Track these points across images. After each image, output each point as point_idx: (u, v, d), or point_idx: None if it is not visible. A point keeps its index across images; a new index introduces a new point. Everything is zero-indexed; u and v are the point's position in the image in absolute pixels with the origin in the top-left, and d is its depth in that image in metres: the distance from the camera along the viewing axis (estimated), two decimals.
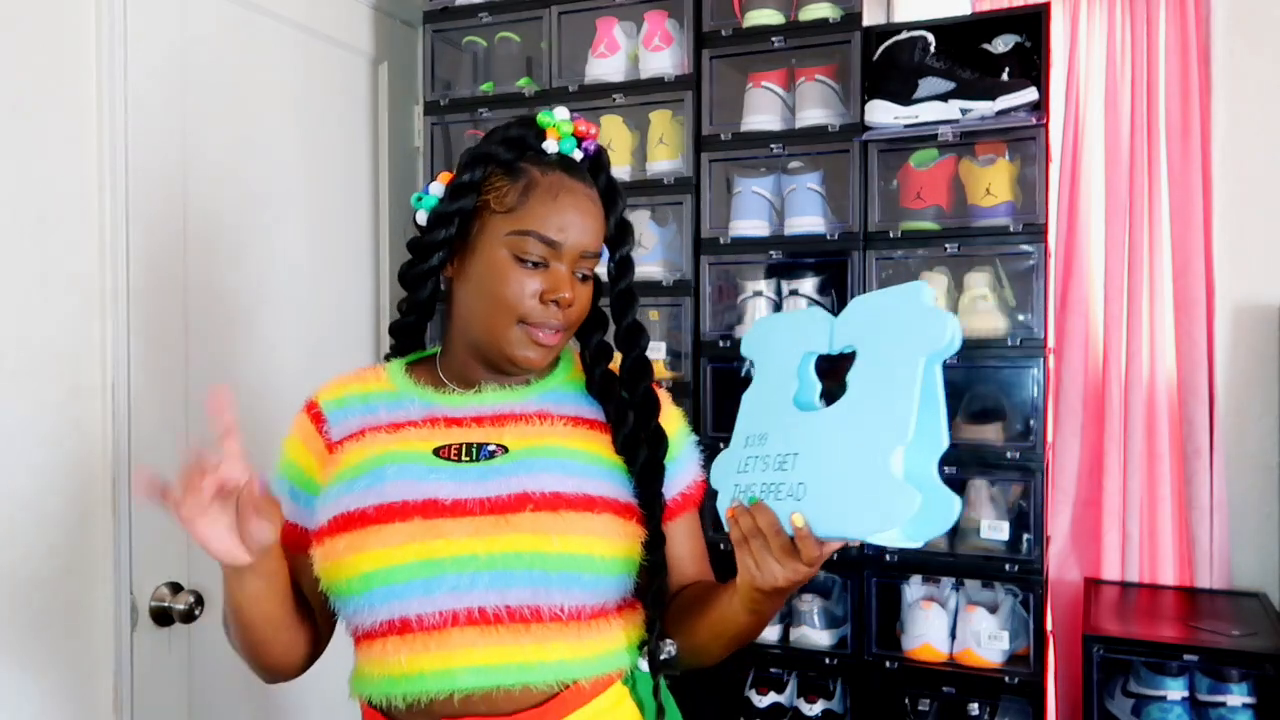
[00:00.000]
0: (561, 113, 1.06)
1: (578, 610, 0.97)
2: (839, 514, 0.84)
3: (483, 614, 0.94)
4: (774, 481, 0.89)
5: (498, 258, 1.01)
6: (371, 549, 0.95)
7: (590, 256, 1.04)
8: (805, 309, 0.95)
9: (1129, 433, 2.24)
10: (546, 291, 1.01)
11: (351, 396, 1.08)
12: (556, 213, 1.01)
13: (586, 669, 0.97)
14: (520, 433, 1.02)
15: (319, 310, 1.97)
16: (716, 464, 0.97)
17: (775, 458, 0.90)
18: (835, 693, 1.99)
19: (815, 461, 0.87)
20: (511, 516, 0.96)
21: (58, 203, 1.45)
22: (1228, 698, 1.89)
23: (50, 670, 1.43)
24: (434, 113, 2.18)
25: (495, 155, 1.04)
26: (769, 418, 0.93)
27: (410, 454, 1.00)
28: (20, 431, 1.39)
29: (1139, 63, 2.25)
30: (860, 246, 1.92)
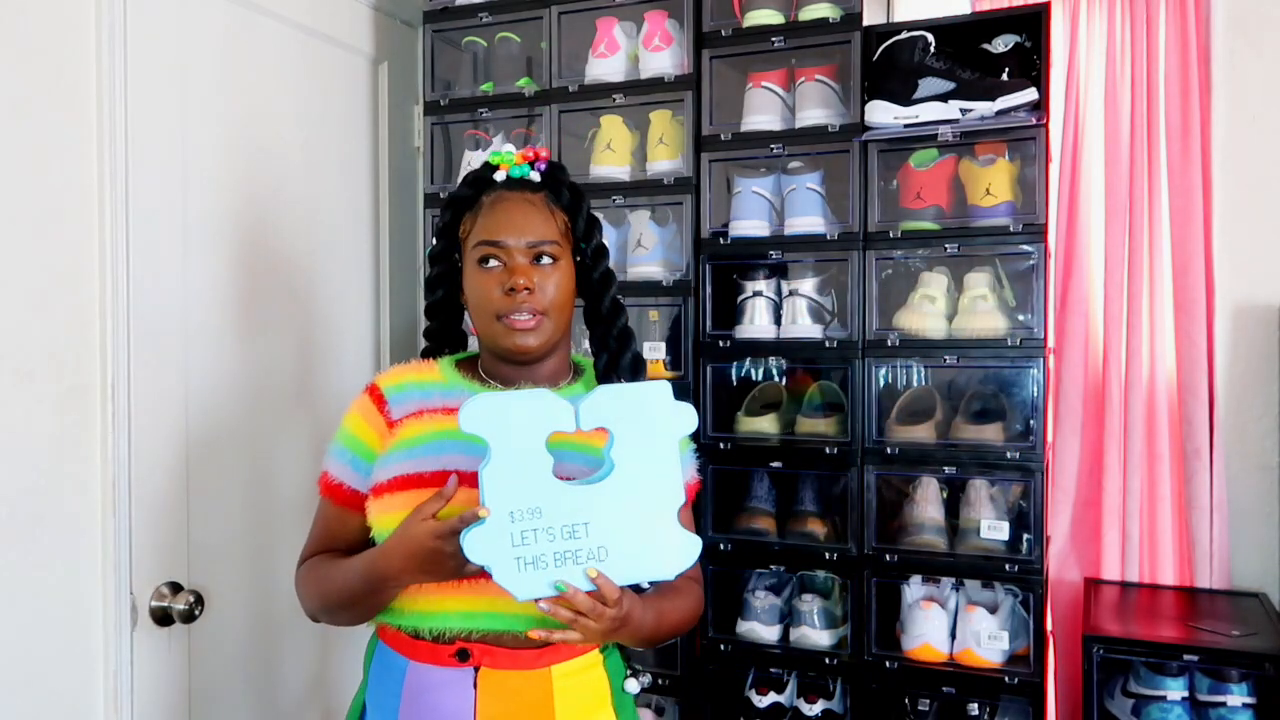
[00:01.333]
0: (509, 148, 1.30)
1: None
2: (641, 564, 1.07)
3: None
4: (568, 549, 1.04)
5: (471, 272, 1.24)
6: None
7: (539, 245, 1.22)
8: (530, 392, 1.08)
9: (1129, 433, 2.24)
10: (504, 284, 1.20)
11: (409, 384, 1.27)
12: (494, 218, 1.22)
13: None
14: None
15: (319, 310, 1.97)
16: (473, 540, 1.03)
17: (561, 529, 1.04)
18: (835, 693, 1.99)
19: (610, 527, 1.05)
20: None
21: (58, 203, 1.45)
22: (1228, 698, 1.89)
23: (50, 670, 1.43)
24: (434, 113, 2.18)
25: (460, 195, 1.28)
26: (534, 493, 1.04)
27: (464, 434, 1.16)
28: (20, 431, 1.39)
29: (1139, 63, 2.25)
30: (860, 246, 1.92)
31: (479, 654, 1.16)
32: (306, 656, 1.89)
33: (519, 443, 1.04)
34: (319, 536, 1.29)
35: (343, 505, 1.24)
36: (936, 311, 1.91)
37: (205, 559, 1.66)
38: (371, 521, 1.19)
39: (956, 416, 1.95)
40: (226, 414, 1.73)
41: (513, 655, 1.16)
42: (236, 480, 1.74)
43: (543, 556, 1.03)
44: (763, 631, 1.97)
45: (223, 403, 1.72)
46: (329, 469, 1.26)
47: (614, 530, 1.05)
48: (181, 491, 1.63)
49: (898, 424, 1.96)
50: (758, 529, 2.00)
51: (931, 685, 1.88)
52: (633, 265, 2.03)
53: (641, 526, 1.06)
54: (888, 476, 1.97)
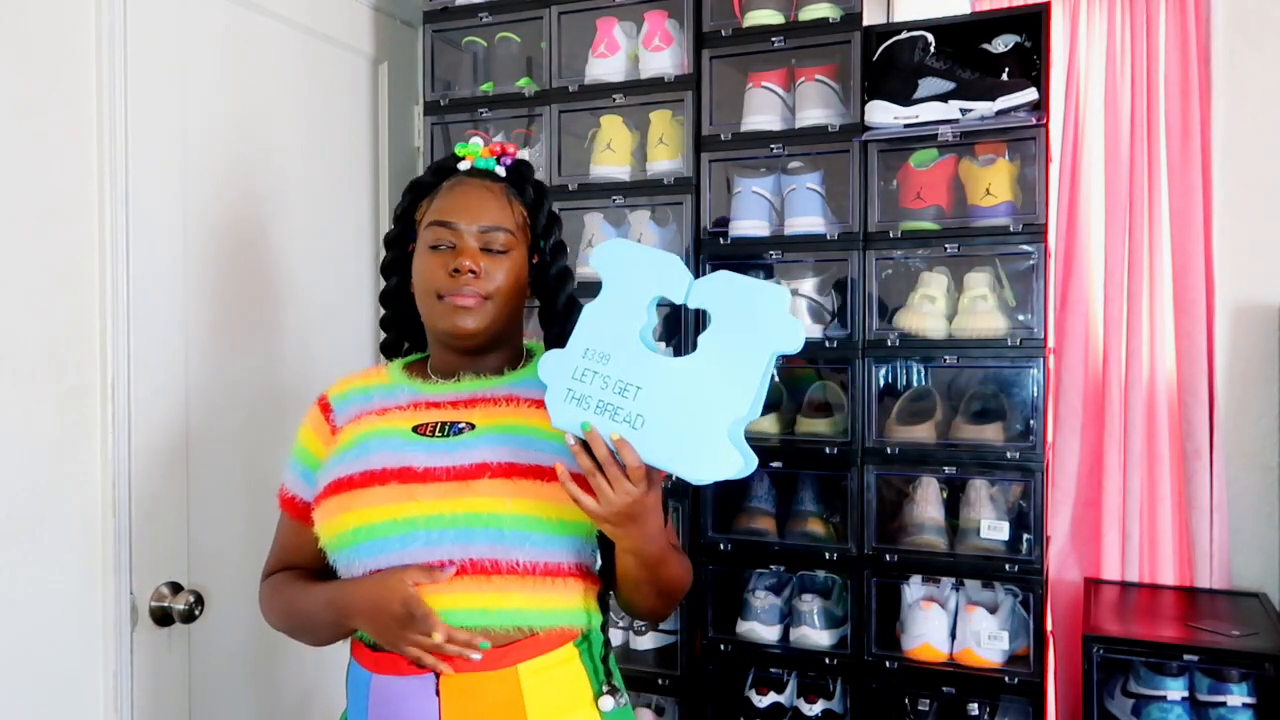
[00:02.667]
0: (476, 140, 1.26)
1: (532, 566, 1.10)
2: (672, 453, 1.01)
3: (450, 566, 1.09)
4: (612, 403, 1.02)
5: (419, 254, 1.21)
6: (356, 508, 1.12)
7: (492, 231, 1.19)
8: (663, 252, 1.06)
9: (1129, 433, 2.24)
10: (449, 264, 1.17)
11: (354, 390, 1.26)
12: (449, 201, 1.20)
13: (542, 619, 1.12)
14: (487, 413, 1.18)
15: (319, 310, 1.97)
16: (548, 360, 1.06)
17: (616, 382, 1.02)
18: (835, 693, 1.99)
19: (658, 401, 1.01)
20: (473, 482, 1.11)
21: (58, 203, 1.45)
22: (1228, 698, 1.89)
23: (50, 670, 1.43)
24: (434, 113, 2.18)
25: (420, 182, 1.26)
26: (614, 341, 1.03)
27: (392, 430, 1.18)
28: (20, 431, 1.39)
29: (1139, 63, 2.25)
30: (860, 246, 1.92)
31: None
32: (306, 656, 1.89)
33: (628, 291, 1.04)
34: (278, 551, 1.28)
35: (297, 518, 1.24)
36: (936, 311, 1.91)
37: (205, 559, 1.66)
38: (317, 532, 1.17)
39: (956, 416, 1.95)
40: (226, 414, 1.73)
41: None
42: (236, 480, 1.74)
43: (588, 397, 1.02)
44: (763, 631, 1.97)
45: (223, 403, 1.72)
46: (285, 482, 1.27)
47: (662, 406, 1.01)
48: (181, 491, 1.63)
49: (898, 424, 1.96)
50: (758, 529, 2.00)
51: (931, 685, 1.88)
52: None
53: (690, 417, 1.00)
54: (888, 476, 1.97)
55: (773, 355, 1.00)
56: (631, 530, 1.06)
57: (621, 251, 1.06)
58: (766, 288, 1.01)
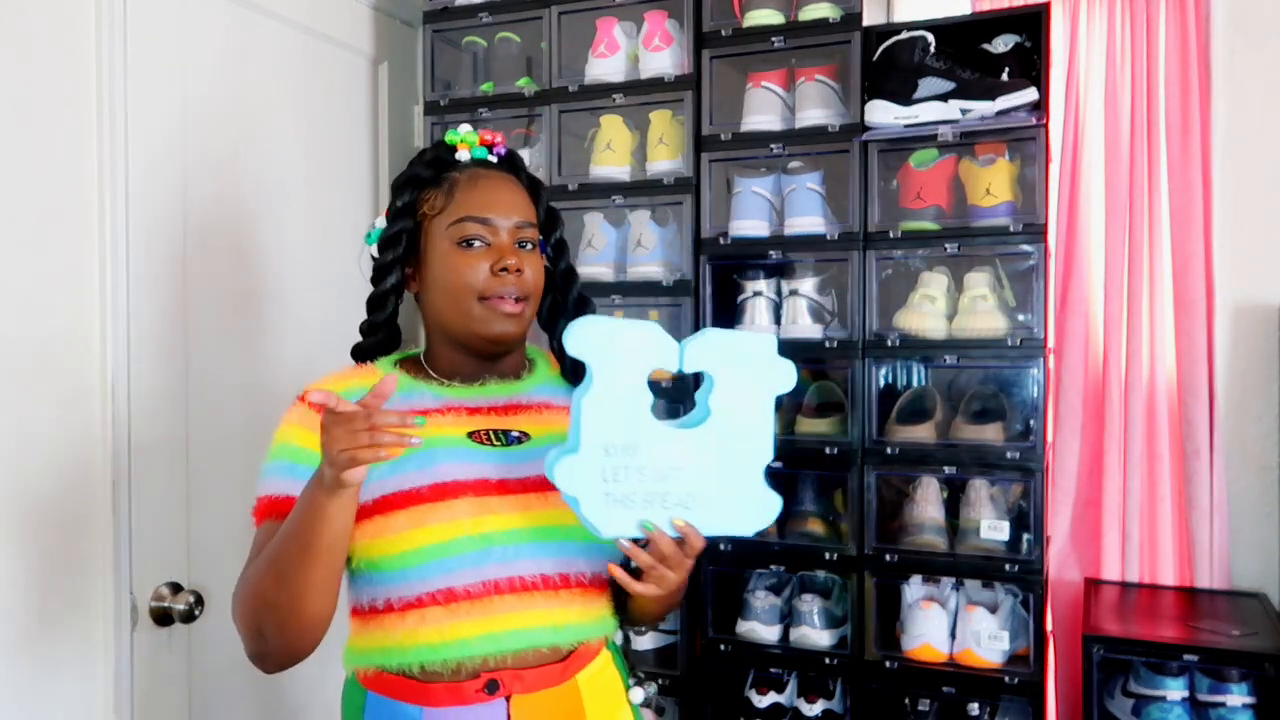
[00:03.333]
0: (465, 128, 1.21)
1: (593, 577, 1.11)
2: (727, 519, 1.04)
3: (522, 582, 1.06)
4: (658, 492, 1.01)
5: (445, 251, 1.14)
6: (430, 524, 1.04)
7: (525, 227, 1.16)
8: (641, 323, 1.04)
9: (1129, 433, 2.24)
10: (495, 264, 1.12)
11: (355, 390, 1.12)
12: (480, 194, 1.14)
13: (593, 630, 1.12)
14: (533, 421, 1.16)
15: (319, 310, 1.97)
16: (566, 469, 0.99)
17: (654, 470, 1.01)
18: (835, 693, 1.99)
19: (700, 475, 1.03)
20: (549, 494, 1.06)
21: (58, 202, 1.45)
22: (1228, 698, 1.89)
23: (50, 670, 1.43)
24: (434, 113, 2.18)
25: (419, 175, 1.18)
26: (632, 429, 1.01)
27: (450, 438, 1.11)
28: (20, 431, 1.39)
29: (1139, 63, 2.25)
30: (860, 246, 1.92)
31: (508, 681, 1.05)
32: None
33: (623, 374, 1.01)
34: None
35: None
36: (936, 311, 1.91)
37: (205, 559, 1.66)
38: (365, 547, 1.05)
39: (956, 416, 1.95)
40: (226, 414, 1.73)
41: (541, 674, 1.07)
42: (236, 480, 1.74)
43: (632, 495, 1.00)
44: (763, 631, 1.97)
45: (223, 403, 1.72)
46: (268, 490, 1.10)
47: (703, 479, 1.02)
48: (181, 491, 1.63)
49: (898, 424, 1.96)
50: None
51: (931, 685, 1.88)
52: (633, 265, 2.03)
53: (730, 479, 1.03)
54: (888, 476, 1.97)
55: (773, 397, 1.05)
56: (676, 593, 1.09)
57: (600, 331, 1.00)
58: (753, 338, 1.06)
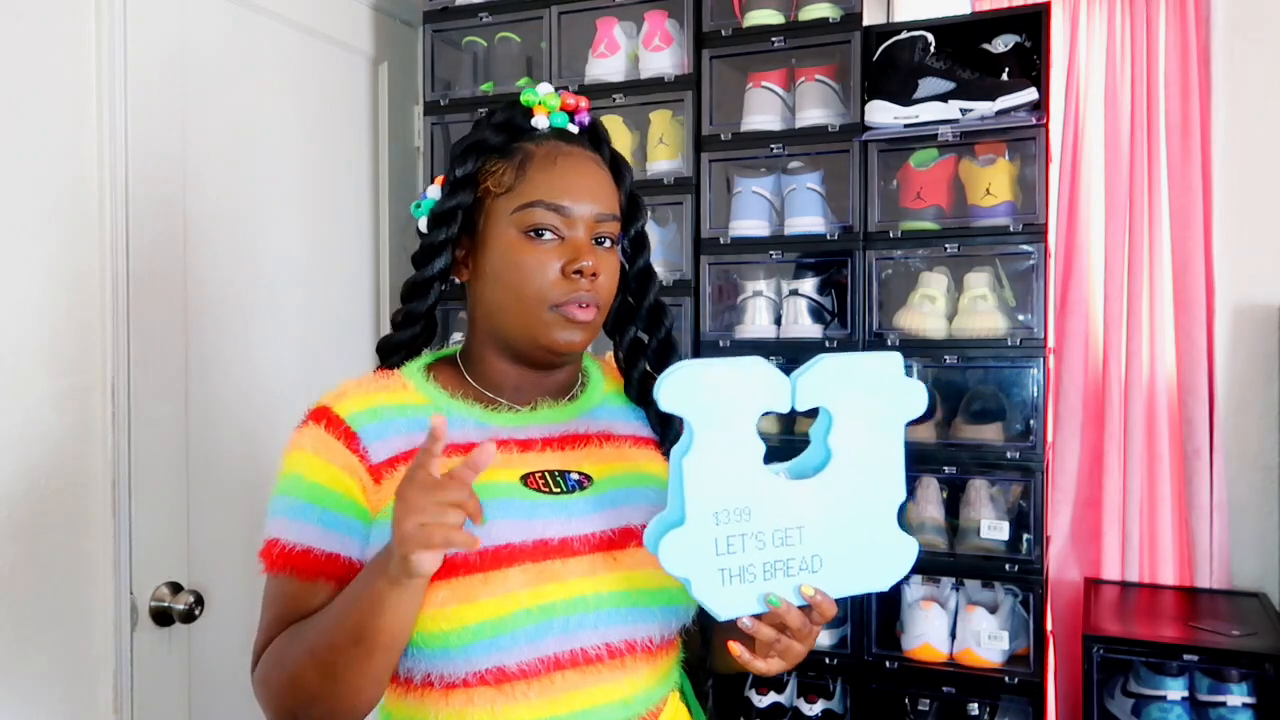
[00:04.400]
0: (545, 88, 1.01)
1: (664, 640, 0.96)
2: (860, 577, 0.91)
3: (584, 655, 0.90)
4: (781, 559, 0.87)
5: (510, 241, 0.95)
6: (480, 599, 0.87)
7: (606, 220, 0.97)
8: (743, 360, 0.85)
9: (1129, 433, 2.24)
10: (568, 264, 0.93)
11: (386, 409, 0.95)
12: (559, 176, 0.95)
13: (662, 691, 0.98)
14: (595, 458, 0.98)
15: (319, 310, 1.97)
16: (673, 547, 0.84)
17: (773, 534, 0.86)
18: (835, 693, 1.99)
19: (826, 532, 0.89)
20: (619, 554, 0.93)
21: (58, 202, 1.45)
22: (1228, 698, 1.89)
23: (50, 670, 1.43)
24: (434, 113, 2.18)
25: (486, 141, 0.99)
26: (743, 490, 0.86)
27: (500, 486, 0.92)
28: (20, 431, 1.39)
29: (1139, 63, 2.25)
30: (860, 246, 1.92)
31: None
32: None
33: (728, 426, 0.84)
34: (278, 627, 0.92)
35: (314, 579, 0.91)
36: (936, 311, 1.91)
37: (205, 559, 1.66)
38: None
39: (956, 416, 1.95)
40: (226, 414, 1.73)
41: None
42: (236, 480, 1.74)
43: (751, 567, 0.85)
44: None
45: (223, 403, 1.72)
46: (279, 534, 0.92)
47: (831, 535, 0.88)
48: (181, 491, 1.63)
49: None
50: None
51: (931, 685, 1.88)
52: None
53: (861, 530, 0.89)
54: None
55: (903, 425, 0.90)
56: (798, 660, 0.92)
57: (695, 380, 0.83)
58: (875, 359, 0.89)
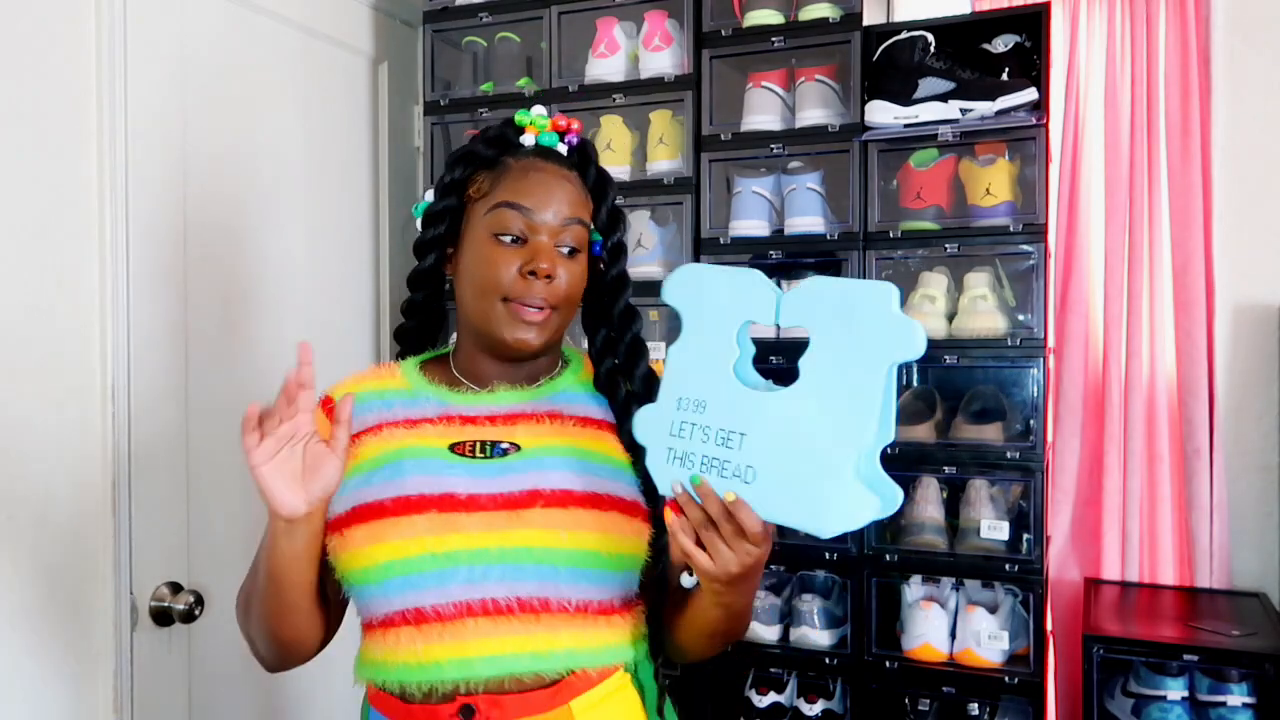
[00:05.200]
0: (539, 110, 1.12)
1: (585, 604, 1.00)
2: (792, 507, 0.86)
3: (495, 605, 0.97)
4: (717, 458, 0.88)
5: (480, 241, 1.06)
6: (389, 540, 0.98)
7: (570, 226, 1.07)
8: (742, 270, 0.91)
9: (1129, 433, 2.24)
10: (525, 264, 1.04)
11: (367, 393, 1.10)
12: (528, 185, 1.06)
13: (593, 659, 1.00)
14: (532, 431, 1.06)
15: (319, 310, 1.97)
16: (641, 417, 0.95)
17: (718, 432, 0.89)
18: (835, 693, 1.99)
19: (767, 448, 0.87)
20: (523, 512, 0.99)
21: (58, 203, 1.45)
22: (1228, 698, 1.89)
23: (50, 670, 1.43)
24: (434, 113, 2.18)
25: (477, 153, 1.10)
26: (706, 383, 0.90)
27: (427, 449, 1.04)
28: (20, 431, 1.39)
29: (1139, 63, 2.25)
30: (860, 246, 1.92)
31: (485, 708, 0.96)
32: None
33: (711, 324, 0.91)
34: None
35: None
36: (936, 311, 1.91)
37: (205, 559, 1.66)
38: (334, 562, 1.02)
39: (956, 416, 1.95)
40: (226, 414, 1.73)
41: (524, 700, 0.97)
42: (236, 480, 1.74)
43: (691, 455, 0.89)
44: (763, 631, 1.97)
45: (222, 403, 1.72)
46: None
47: (771, 454, 0.86)
48: (181, 491, 1.63)
49: (898, 424, 1.95)
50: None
51: (931, 685, 1.88)
52: (633, 265, 2.01)
53: (807, 459, 0.85)
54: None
55: (892, 366, 0.83)
56: (740, 589, 0.95)
57: (696, 277, 0.92)
58: (866, 286, 0.85)
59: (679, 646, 1.09)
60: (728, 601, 0.97)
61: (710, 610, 0.99)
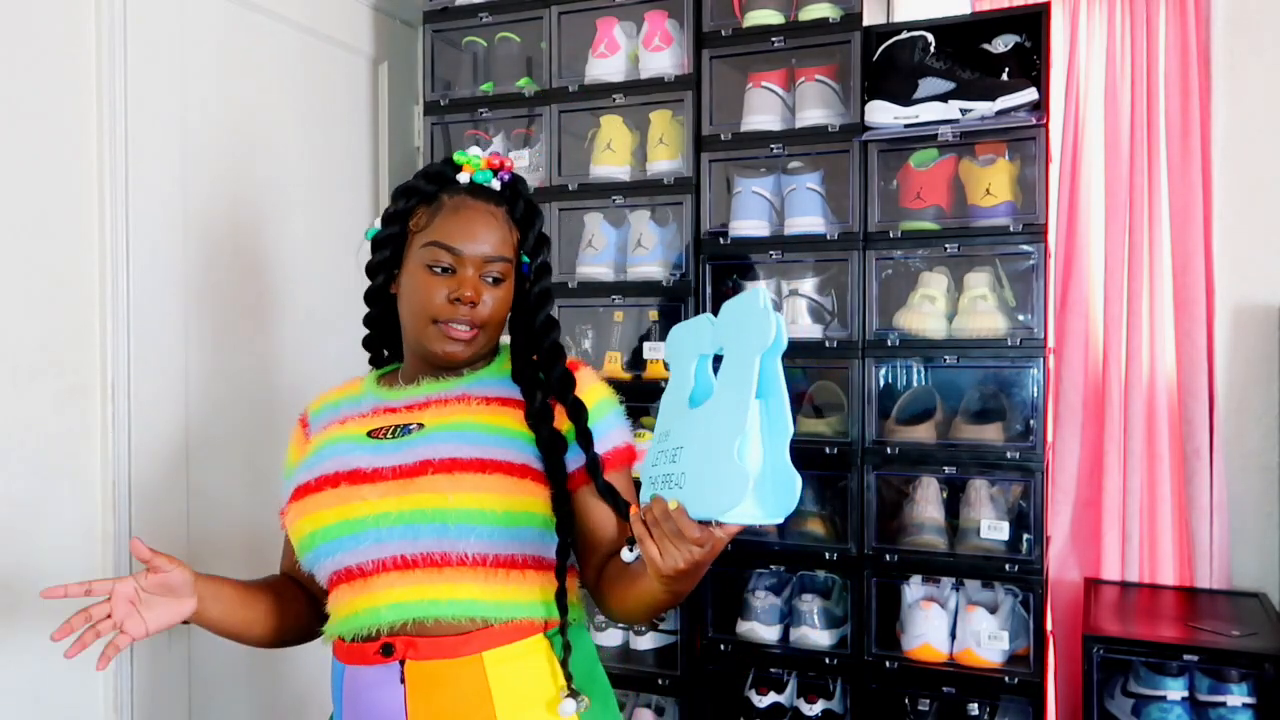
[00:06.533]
0: (475, 151, 1.26)
1: (482, 557, 1.12)
2: (702, 498, 0.95)
3: (403, 560, 1.11)
4: (668, 473, 1.00)
5: (416, 270, 1.21)
6: (311, 512, 1.16)
7: (495, 260, 1.21)
8: (698, 317, 1.04)
9: (1129, 433, 2.24)
10: (451, 292, 1.18)
11: (328, 404, 1.30)
12: (458, 225, 1.20)
13: (498, 611, 1.12)
14: (438, 413, 1.20)
15: (318, 309, 1.97)
16: (645, 458, 1.06)
17: (672, 451, 1.01)
18: (835, 693, 1.99)
19: (690, 453, 0.98)
20: (416, 479, 1.13)
21: (58, 203, 1.45)
22: (1228, 698, 1.89)
23: (50, 670, 1.43)
24: (434, 113, 2.18)
25: (417, 188, 1.24)
26: (671, 416, 1.04)
27: (348, 436, 1.21)
28: (20, 431, 1.39)
29: (1139, 63, 2.25)
30: (860, 246, 1.92)
31: (402, 647, 1.11)
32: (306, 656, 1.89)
33: (678, 367, 1.05)
34: (282, 564, 1.33)
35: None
36: (936, 311, 1.91)
37: (205, 559, 1.66)
38: (290, 541, 1.22)
39: (956, 416, 1.95)
40: (226, 414, 1.73)
41: (435, 644, 1.10)
42: (236, 480, 1.74)
43: (655, 479, 1.02)
44: (763, 631, 1.97)
45: (223, 402, 1.72)
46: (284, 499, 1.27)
47: (692, 460, 0.98)
48: (181, 491, 1.63)
49: (898, 424, 1.96)
50: (758, 529, 2.00)
51: (931, 685, 1.88)
52: (633, 265, 2.03)
53: (705, 456, 0.96)
54: (888, 476, 1.97)
55: (757, 357, 0.92)
56: (684, 581, 1.03)
57: (674, 333, 1.07)
58: (744, 295, 0.96)
59: (615, 610, 1.18)
60: (677, 589, 1.06)
61: (660, 593, 1.07)
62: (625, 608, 1.15)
